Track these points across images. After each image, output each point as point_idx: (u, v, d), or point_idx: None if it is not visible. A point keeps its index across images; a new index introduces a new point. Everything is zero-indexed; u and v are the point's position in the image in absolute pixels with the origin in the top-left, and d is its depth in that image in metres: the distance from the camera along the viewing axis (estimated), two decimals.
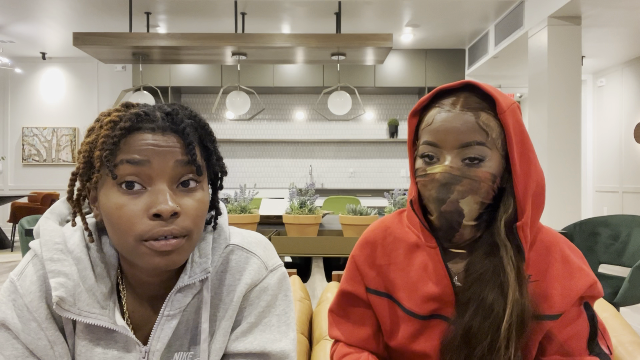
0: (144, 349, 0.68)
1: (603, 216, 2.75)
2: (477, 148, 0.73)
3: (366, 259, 0.88)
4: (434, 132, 0.75)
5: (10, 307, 0.66)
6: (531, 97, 4.64)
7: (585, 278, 0.78)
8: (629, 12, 4.26)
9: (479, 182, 0.73)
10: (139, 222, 0.61)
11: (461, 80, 0.78)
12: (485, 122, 0.74)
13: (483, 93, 0.76)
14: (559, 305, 0.77)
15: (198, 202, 0.65)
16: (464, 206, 0.75)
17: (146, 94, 4.39)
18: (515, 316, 0.71)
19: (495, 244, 0.75)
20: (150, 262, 0.62)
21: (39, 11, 5.12)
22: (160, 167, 0.62)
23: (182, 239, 0.63)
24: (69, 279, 0.65)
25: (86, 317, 0.65)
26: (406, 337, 0.83)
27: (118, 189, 0.62)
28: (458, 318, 0.76)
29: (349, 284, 0.91)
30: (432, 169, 0.76)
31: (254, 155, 7.05)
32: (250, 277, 0.72)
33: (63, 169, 7.12)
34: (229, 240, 0.75)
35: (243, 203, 2.28)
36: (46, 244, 0.67)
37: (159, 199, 0.61)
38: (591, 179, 6.82)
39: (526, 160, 0.75)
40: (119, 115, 0.63)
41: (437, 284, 0.79)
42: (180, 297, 0.69)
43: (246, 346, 0.71)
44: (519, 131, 0.75)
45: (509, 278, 0.73)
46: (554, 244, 0.80)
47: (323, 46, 4.08)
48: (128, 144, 0.62)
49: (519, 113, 0.77)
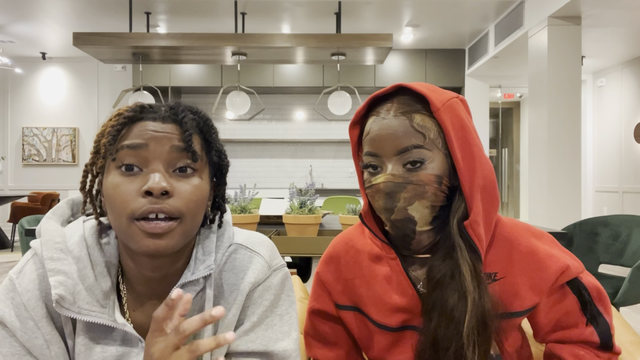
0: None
1: (603, 216, 2.75)
2: (415, 152, 0.71)
3: (331, 275, 0.86)
4: (372, 141, 0.74)
5: (8, 304, 0.66)
6: (531, 97, 4.64)
7: (556, 265, 0.75)
8: (629, 12, 4.26)
9: (424, 185, 0.71)
10: (132, 200, 0.63)
11: (393, 84, 0.76)
12: (420, 124, 0.71)
13: (418, 94, 0.73)
14: (530, 299, 0.75)
15: (193, 187, 0.66)
16: (413, 213, 0.72)
17: (146, 94, 4.39)
18: (475, 320, 0.69)
19: (453, 246, 0.73)
20: (141, 243, 0.63)
21: (39, 11, 5.12)
22: (157, 150, 0.64)
23: (173, 222, 0.64)
24: (69, 278, 0.65)
25: (86, 315, 0.65)
26: (381, 350, 0.81)
27: (118, 172, 0.65)
28: (425, 327, 0.74)
29: (317, 302, 0.89)
30: (375, 179, 0.74)
31: (254, 155, 7.05)
32: (254, 276, 0.73)
33: (63, 169, 7.12)
34: (233, 240, 0.76)
35: (243, 203, 2.28)
36: (47, 243, 0.68)
37: (152, 178, 0.63)
38: (591, 179, 6.82)
39: (469, 155, 0.72)
40: (126, 109, 0.67)
41: (403, 294, 0.78)
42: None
43: (248, 345, 0.71)
44: (459, 127, 0.72)
45: (467, 282, 0.70)
46: (516, 236, 0.78)
47: (323, 46, 4.08)
48: (130, 131, 0.65)
49: (458, 107, 0.74)
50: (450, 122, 0.72)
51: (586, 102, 6.71)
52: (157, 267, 0.69)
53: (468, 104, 0.79)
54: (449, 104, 0.73)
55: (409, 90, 0.74)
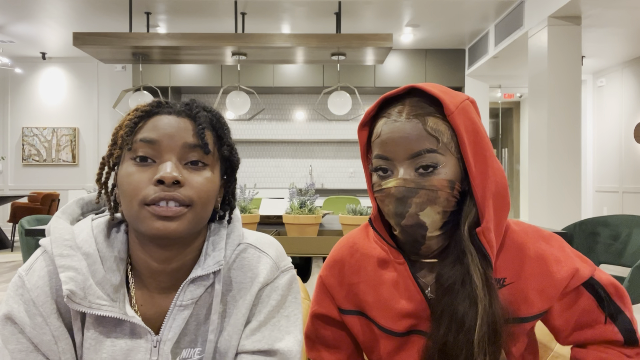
0: (155, 338, 0.69)
1: (603, 216, 2.75)
2: (428, 156, 0.69)
3: (335, 279, 0.85)
4: (383, 144, 0.72)
5: (17, 301, 0.68)
6: (531, 97, 4.64)
7: (565, 269, 0.74)
8: (629, 12, 4.26)
9: (436, 191, 0.70)
10: (144, 187, 0.66)
11: (405, 86, 0.73)
12: (434, 127, 0.70)
13: (430, 96, 0.71)
14: (539, 305, 0.75)
15: (204, 179, 0.69)
16: (424, 218, 0.71)
17: (146, 94, 4.39)
18: (486, 328, 0.69)
19: (463, 251, 0.72)
20: (151, 225, 0.65)
21: (39, 11, 5.12)
22: (170, 144, 0.68)
23: (184, 208, 0.67)
24: (79, 273, 0.67)
25: (97, 309, 0.67)
26: (386, 354, 0.81)
27: (132, 162, 0.68)
28: (433, 333, 0.73)
29: (320, 306, 0.88)
30: (386, 184, 0.72)
31: (254, 155, 7.06)
32: (263, 276, 0.74)
33: (63, 169, 7.12)
34: (243, 239, 0.77)
35: (243, 203, 2.28)
36: (56, 240, 0.69)
37: (164, 168, 0.66)
38: (591, 179, 6.82)
39: (482, 160, 0.70)
40: (143, 105, 0.71)
41: (410, 300, 0.77)
42: (193, 288, 0.71)
43: (254, 344, 0.72)
44: (472, 130, 0.70)
45: (478, 289, 0.69)
46: (525, 241, 0.77)
47: (323, 46, 4.08)
48: (146, 124, 0.69)
49: (471, 110, 0.72)
50: (463, 125, 0.70)
51: (586, 102, 6.71)
52: (167, 259, 0.70)
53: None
54: (462, 106, 0.71)
55: (420, 91, 0.72)
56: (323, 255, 2.27)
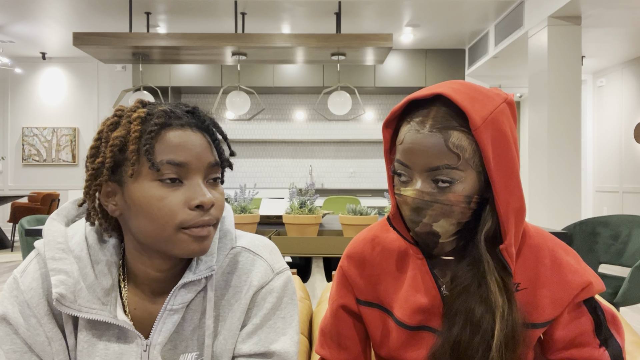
0: (145, 342, 0.69)
1: (603, 216, 2.75)
2: (446, 172, 0.68)
3: (356, 270, 0.87)
4: (404, 152, 0.71)
5: (12, 302, 0.69)
6: (531, 97, 4.64)
7: (578, 280, 0.75)
8: (629, 12, 4.26)
9: (451, 205, 0.70)
10: (180, 212, 0.65)
11: (432, 91, 0.70)
12: (456, 144, 0.68)
13: (456, 105, 0.69)
14: (549, 312, 0.75)
15: (221, 194, 0.72)
16: (437, 229, 0.72)
17: (146, 94, 4.39)
18: (505, 333, 0.69)
19: (479, 258, 0.72)
20: (187, 248, 0.66)
21: (39, 11, 5.12)
22: (199, 165, 0.68)
23: (212, 227, 0.69)
24: (70, 277, 0.67)
25: (87, 313, 0.67)
26: (396, 347, 0.82)
27: (160, 184, 0.65)
28: (446, 330, 0.73)
29: (339, 296, 0.89)
30: (405, 191, 0.73)
31: (254, 155, 7.05)
32: (257, 280, 0.74)
33: (63, 169, 7.12)
34: (235, 243, 0.77)
35: (243, 203, 2.28)
36: (49, 243, 0.70)
37: (199, 192, 0.67)
38: (591, 179, 6.82)
39: (507, 175, 0.69)
40: (145, 112, 0.67)
41: (426, 294, 0.78)
42: (183, 293, 0.71)
43: (251, 347, 0.72)
44: (498, 144, 0.68)
45: (495, 295, 0.70)
46: (543, 248, 0.77)
47: (323, 46, 4.08)
48: (164, 140, 0.66)
49: (503, 119, 0.69)
50: (490, 140, 0.68)
51: (586, 102, 6.71)
52: (170, 268, 0.71)
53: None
54: (492, 117, 0.68)
55: (447, 100, 0.70)
56: (323, 255, 2.27)
